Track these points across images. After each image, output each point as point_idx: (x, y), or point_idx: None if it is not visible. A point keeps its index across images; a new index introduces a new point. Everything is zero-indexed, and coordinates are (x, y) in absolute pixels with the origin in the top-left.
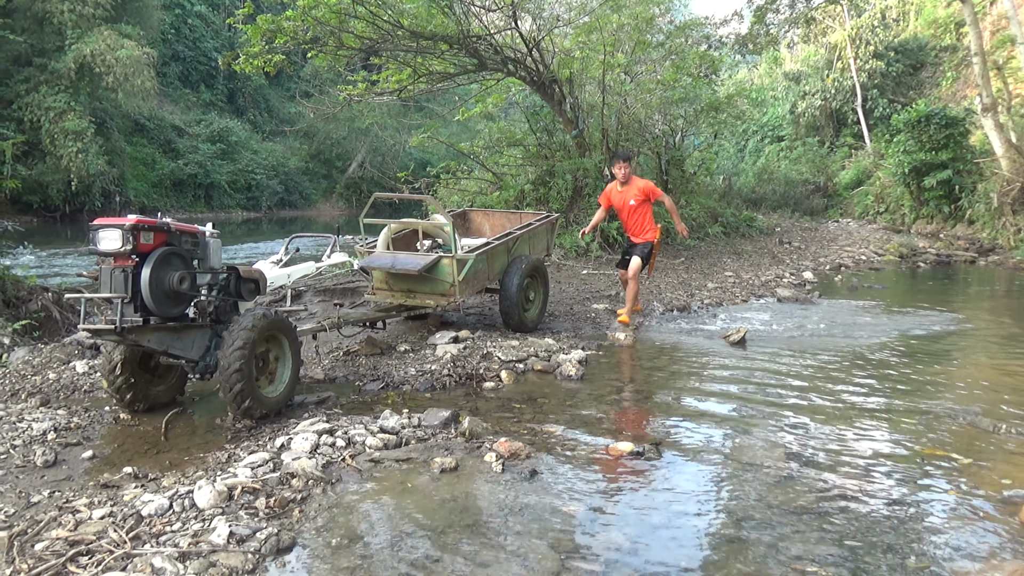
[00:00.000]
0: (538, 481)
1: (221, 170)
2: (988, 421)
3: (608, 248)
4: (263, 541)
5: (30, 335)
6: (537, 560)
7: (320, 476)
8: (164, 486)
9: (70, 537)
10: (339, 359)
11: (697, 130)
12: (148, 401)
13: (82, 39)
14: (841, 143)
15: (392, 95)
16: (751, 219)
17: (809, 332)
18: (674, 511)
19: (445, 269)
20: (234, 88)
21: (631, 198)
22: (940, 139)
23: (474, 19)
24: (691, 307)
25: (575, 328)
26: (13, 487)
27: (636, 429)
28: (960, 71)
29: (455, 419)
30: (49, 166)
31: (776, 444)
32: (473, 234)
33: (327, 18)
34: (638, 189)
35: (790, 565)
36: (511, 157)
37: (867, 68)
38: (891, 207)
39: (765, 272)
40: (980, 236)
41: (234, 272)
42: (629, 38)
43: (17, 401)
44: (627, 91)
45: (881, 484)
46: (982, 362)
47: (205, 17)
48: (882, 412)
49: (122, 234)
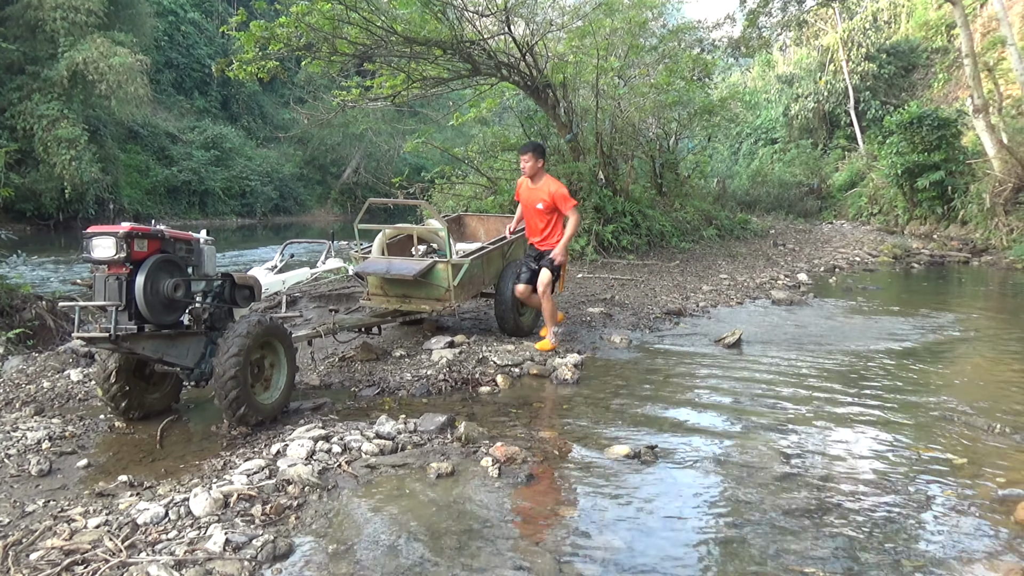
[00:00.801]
0: (534, 485)
1: (215, 177)
2: (984, 421)
3: (603, 251)
4: (259, 548)
5: (24, 344)
6: (534, 564)
7: (316, 482)
8: (160, 494)
9: (65, 546)
10: (335, 365)
11: (691, 133)
12: (143, 409)
13: (75, 47)
14: (834, 145)
15: (386, 101)
16: (745, 221)
17: (804, 334)
18: (671, 514)
19: (440, 274)
20: (228, 95)
21: (538, 201)
22: (932, 140)
23: (467, 24)
24: (686, 310)
25: (570, 332)
26: (8, 496)
27: (632, 432)
28: (952, 73)
29: (451, 424)
30: (42, 174)
31: (772, 446)
32: (468, 239)
33: (321, 24)
34: (548, 194)
35: (788, 566)
36: (505, 162)
37: (859, 70)
38: (884, 208)
39: (760, 274)
40: (973, 236)
41: (229, 279)
42: (622, 42)
43: (11, 410)
44: (621, 95)
45: (877, 484)
46: (977, 362)
47: (198, 24)
48: (878, 413)
49: (116, 242)
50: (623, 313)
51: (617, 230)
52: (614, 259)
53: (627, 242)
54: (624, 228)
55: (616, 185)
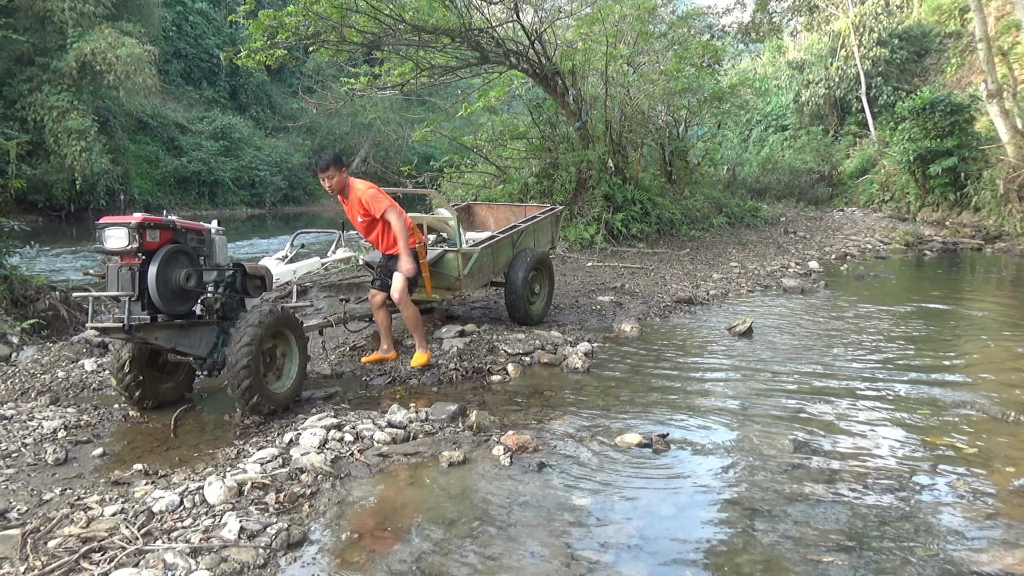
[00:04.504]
0: (546, 474)
1: (224, 167)
2: (997, 409)
3: (613, 240)
4: (274, 536)
5: (38, 334)
6: (547, 552)
7: (329, 471)
8: (174, 482)
9: (82, 534)
10: (346, 354)
11: (701, 120)
12: (157, 398)
13: (83, 37)
14: (845, 131)
15: (394, 89)
16: (756, 209)
17: (815, 322)
18: (683, 502)
19: (450, 263)
20: (236, 85)
21: (357, 214)
22: (945, 126)
23: (476, 12)
24: (696, 298)
25: (581, 320)
26: (25, 485)
27: (643, 421)
28: (965, 57)
29: (462, 413)
30: (53, 165)
31: (783, 435)
32: (477, 228)
33: (329, 13)
34: (359, 204)
35: (801, 555)
36: (514, 150)
37: (871, 56)
38: (896, 195)
39: (770, 262)
40: (986, 223)
41: (240, 269)
42: (631, 29)
43: (27, 400)
44: (630, 82)
45: (889, 473)
46: (991, 350)
47: (206, 14)
48: (890, 401)
49: (128, 232)
50: (633, 301)
51: (627, 218)
52: (624, 247)
53: (637, 230)
54: (634, 216)
55: (626, 173)
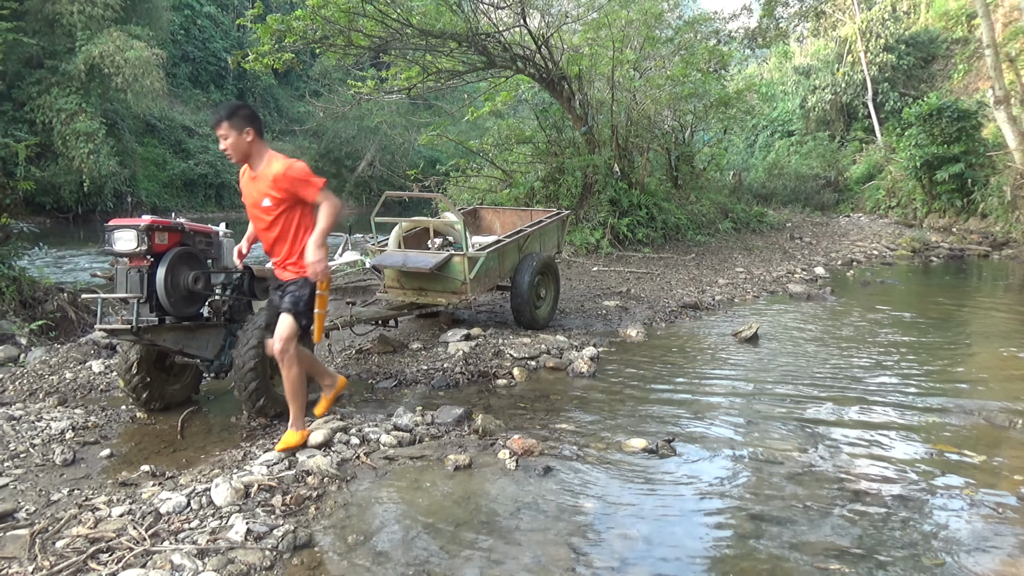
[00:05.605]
0: (552, 478)
1: (232, 170)
2: (1004, 417)
3: (619, 244)
4: (280, 538)
5: (47, 335)
6: (551, 556)
7: (335, 474)
8: (181, 484)
9: (90, 534)
10: (352, 357)
11: (707, 125)
12: (164, 400)
13: (92, 40)
14: (852, 137)
15: (401, 93)
16: (761, 214)
17: (821, 328)
18: (688, 507)
19: (456, 267)
20: (243, 88)
21: (263, 196)
22: (952, 132)
23: (483, 17)
24: (702, 303)
25: (586, 325)
26: (33, 485)
27: (649, 425)
28: (972, 63)
29: (468, 416)
30: (61, 167)
31: (789, 441)
32: (484, 232)
33: (336, 17)
34: (272, 182)
35: (807, 562)
36: (521, 154)
37: (878, 61)
38: (903, 201)
39: (776, 268)
40: (993, 230)
41: (248, 271)
42: (638, 34)
43: (35, 400)
44: (636, 87)
45: (896, 480)
46: (998, 357)
47: (214, 18)
48: (896, 408)
49: (137, 234)
50: (639, 306)
51: (632, 223)
52: (629, 252)
53: (643, 235)
54: (639, 221)
55: (631, 178)
